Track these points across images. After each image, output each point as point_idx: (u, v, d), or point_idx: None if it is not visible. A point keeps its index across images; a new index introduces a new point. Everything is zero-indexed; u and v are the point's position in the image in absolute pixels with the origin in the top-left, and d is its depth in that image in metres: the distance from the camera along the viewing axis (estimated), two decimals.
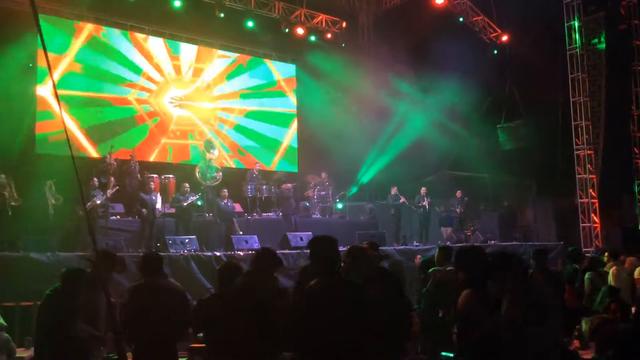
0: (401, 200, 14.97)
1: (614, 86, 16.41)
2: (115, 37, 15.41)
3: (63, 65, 14.33)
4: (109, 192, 11.55)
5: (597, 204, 15.47)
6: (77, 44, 14.68)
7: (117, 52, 15.31)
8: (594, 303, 6.68)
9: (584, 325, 4.67)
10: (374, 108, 19.09)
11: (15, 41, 12.53)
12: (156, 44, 16.06)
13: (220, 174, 13.67)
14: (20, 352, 7.29)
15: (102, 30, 15.17)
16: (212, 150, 14.11)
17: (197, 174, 13.33)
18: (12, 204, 10.45)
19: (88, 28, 14.92)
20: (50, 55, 13.83)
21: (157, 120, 15.86)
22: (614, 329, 4.39)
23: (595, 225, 15.39)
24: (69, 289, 4.73)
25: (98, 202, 11.19)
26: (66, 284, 4.77)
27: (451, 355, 4.41)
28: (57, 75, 14.02)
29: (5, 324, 5.79)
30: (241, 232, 12.38)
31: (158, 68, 15.99)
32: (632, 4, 16.45)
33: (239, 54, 17.64)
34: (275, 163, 17.84)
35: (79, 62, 14.63)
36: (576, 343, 5.25)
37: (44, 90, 13.79)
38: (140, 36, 15.77)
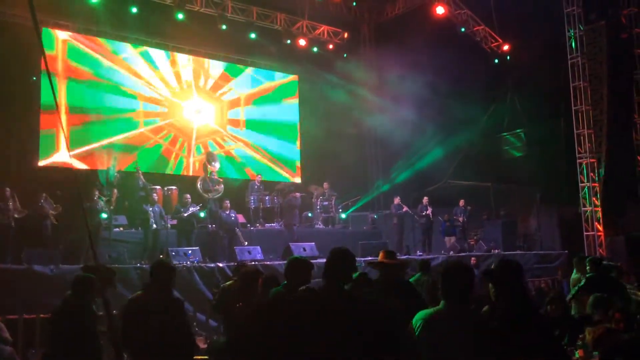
0: (404, 210, 14.96)
1: (616, 95, 16.41)
2: (119, 50, 15.51)
3: (67, 78, 14.42)
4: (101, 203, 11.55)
5: (600, 212, 15.43)
6: (81, 58, 14.78)
7: (121, 64, 15.40)
8: None
9: (588, 335, 4.64)
10: (376, 117, 19.17)
11: (19, 55, 12.61)
12: (159, 57, 16.15)
13: (222, 186, 13.69)
14: None
15: (106, 44, 15.28)
16: (213, 163, 14.16)
17: (198, 186, 13.37)
18: (15, 215, 10.47)
19: (92, 41, 15.03)
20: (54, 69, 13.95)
21: (162, 132, 15.91)
22: (618, 338, 4.37)
23: (599, 233, 15.33)
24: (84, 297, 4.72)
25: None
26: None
27: None
28: (61, 90, 14.13)
29: (10, 339, 5.79)
30: (246, 243, 12.39)
31: (159, 80, 16.06)
32: (633, 13, 16.46)
33: (241, 66, 17.72)
34: (278, 174, 17.86)
35: (83, 76, 14.71)
36: (580, 352, 5.21)
37: (48, 104, 13.84)
38: (143, 49, 15.87)
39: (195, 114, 16.52)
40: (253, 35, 16.25)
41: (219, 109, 17.07)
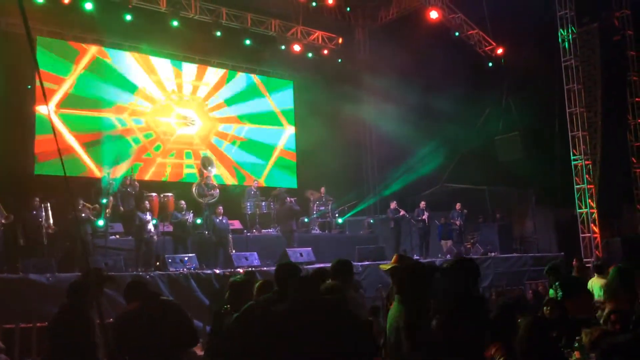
0: (401, 213, 14.93)
1: (609, 97, 16.48)
2: (114, 57, 15.50)
3: (63, 86, 14.38)
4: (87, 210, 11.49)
5: (596, 214, 15.47)
6: (76, 65, 14.76)
7: (116, 72, 15.38)
8: None
9: (584, 337, 4.65)
10: (371, 122, 19.23)
11: (14, 63, 12.60)
12: (154, 63, 16.15)
13: (217, 190, 13.67)
14: None
15: (102, 50, 15.28)
16: (209, 168, 14.13)
17: (193, 192, 13.36)
18: (3, 221, 10.40)
19: (87, 49, 15.03)
20: (50, 76, 13.92)
21: (153, 138, 15.89)
22: (614, 340, 4.38)
23: (595, 235, 15.37)
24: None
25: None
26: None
27: None
28: (57, 96, 14.13)
29: (3, 346, 5.75)
30: (234, 250, 12.35)
31: (156, 87, 16.06)
32: (625, 15, 16.57)
33: (236, 72, 17.74)
34: (274, 180, 17.85)
35: (78, 83, 14.69)
36: (577, 354, 5.21)
37: (43, 111, 13.81)
38: (138, 55, 15.86)
39: (185, 122, 16.52)
40: (248, 42, 16.29)
41: (208, 117, 17.07)
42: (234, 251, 12.23)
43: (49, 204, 11.11)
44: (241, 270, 10.34)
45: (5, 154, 12.45)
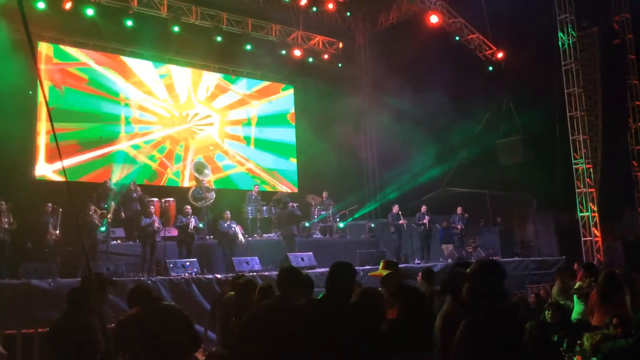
0: (401, 222, 14.88)
1: (610, 100, 16.51)
2: (113, 62, 15.54)
3: (65, 92, 14.44)
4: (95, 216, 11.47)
5: (597, 218, 15.46)
6: (77, 72, 14.81)
7: (113, 79, 15.41)
8: None
9: (586, 342, 4.65)
10: (372, 126, 19.25)
11: (16, 68, 12.62)
12: (154, 68, 16.18)
13: (213, 193, 13.67)
14: None
15: (101, 56, 15.31)
16: (204, 171, 14.14)
17: (189, 196, 13.37)
18: (6, 227, 10.40)
19: (87, 55, 15.06)
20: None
21: (152, 143, 15.89)
22: (616, 344, 4.39)
23: (597, 239, 15.36)
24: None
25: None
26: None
27: None
28: (58, 104, 14.16)
29: (5, 352, 5.75)
30: (243, 240, 12.55)
31: (155, 93, 16.08)
32: (625, 19, 16.62)
33: (237, 77, 17.77)
34: (275, 184, 17.85)
35: (78, 89, 14.72)
36: (578, 358, 5.21)
37: (44, 118, 13.85)
38: (138, 61, 15.89)
39: (192, 126, 16.55)
40: (248, 47, 16.33)
41: (214, 122, 17.10)
42: (244, 241, 12.62)
43: (60, 210, 11.13)
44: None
45: (7, 158, 12.44)
